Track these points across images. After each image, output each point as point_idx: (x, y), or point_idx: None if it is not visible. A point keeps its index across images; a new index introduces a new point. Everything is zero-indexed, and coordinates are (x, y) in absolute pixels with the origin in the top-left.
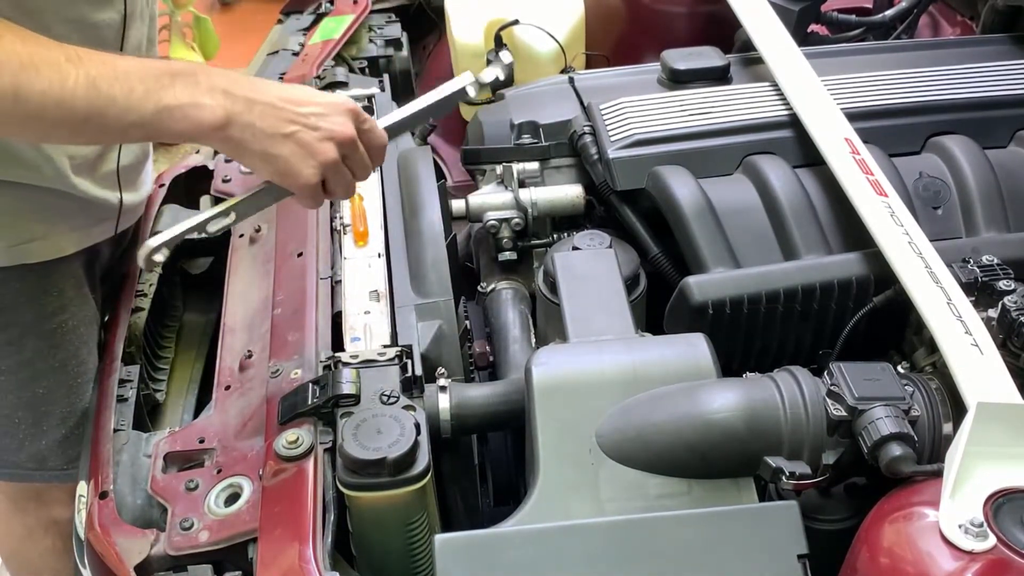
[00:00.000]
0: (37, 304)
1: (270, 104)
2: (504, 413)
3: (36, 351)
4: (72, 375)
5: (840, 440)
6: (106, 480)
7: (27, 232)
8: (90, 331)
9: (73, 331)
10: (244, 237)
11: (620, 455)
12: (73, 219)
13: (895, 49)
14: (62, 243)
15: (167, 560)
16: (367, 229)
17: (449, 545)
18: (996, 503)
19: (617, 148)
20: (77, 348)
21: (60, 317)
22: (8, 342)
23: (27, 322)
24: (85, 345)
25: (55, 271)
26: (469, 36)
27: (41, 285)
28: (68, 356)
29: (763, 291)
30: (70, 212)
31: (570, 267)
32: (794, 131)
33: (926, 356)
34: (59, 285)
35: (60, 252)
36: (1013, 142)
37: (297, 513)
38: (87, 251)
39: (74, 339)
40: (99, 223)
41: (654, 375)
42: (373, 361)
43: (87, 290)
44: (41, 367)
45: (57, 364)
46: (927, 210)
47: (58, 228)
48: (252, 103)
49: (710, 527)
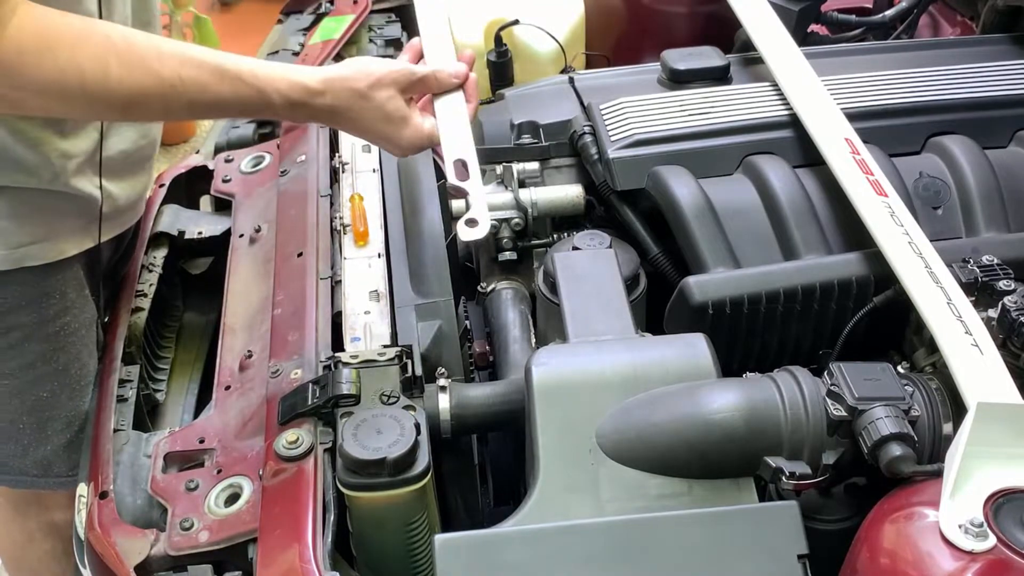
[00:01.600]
0: (39, 307)
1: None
2: (504, 413)
3: (38, 355)
4: (74, 378)
5: (840, 440)
6: (106, 480)
7: (27, 235)
8: (91, 334)
9: (75, 334)
10: (244, 237)
11: (620, 455)
12: (74, 220)
13: (895, 49)
14: (63, 245)
15: (167, 560)
16: (367, 229)
17: (449, 545)
18: (996, 503)
19: (617, 148)
20: (79, 351)
21: (62, 320)
22: (10, 346)
23: (29, 325)
24: (86, 348)
25: (56, 274)
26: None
27: (42, 288)
28: (70, 359)
29: (763, 291)
30: (70, 213)
31: (570, 267)
32: (794, 131)
33: (926, 356)
34: (61, 288)
35: (61, 254)
36: (1013, 142)
37: (297, 513)
38: (88, 253)
39: (76, 342)
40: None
41: (654, 375)
42: (373, 361)
43: (88, 292)
44: (44, 370)
45: (60, 367)
46: (927, 210)
47: (58, 230)
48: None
49: (710, 527)
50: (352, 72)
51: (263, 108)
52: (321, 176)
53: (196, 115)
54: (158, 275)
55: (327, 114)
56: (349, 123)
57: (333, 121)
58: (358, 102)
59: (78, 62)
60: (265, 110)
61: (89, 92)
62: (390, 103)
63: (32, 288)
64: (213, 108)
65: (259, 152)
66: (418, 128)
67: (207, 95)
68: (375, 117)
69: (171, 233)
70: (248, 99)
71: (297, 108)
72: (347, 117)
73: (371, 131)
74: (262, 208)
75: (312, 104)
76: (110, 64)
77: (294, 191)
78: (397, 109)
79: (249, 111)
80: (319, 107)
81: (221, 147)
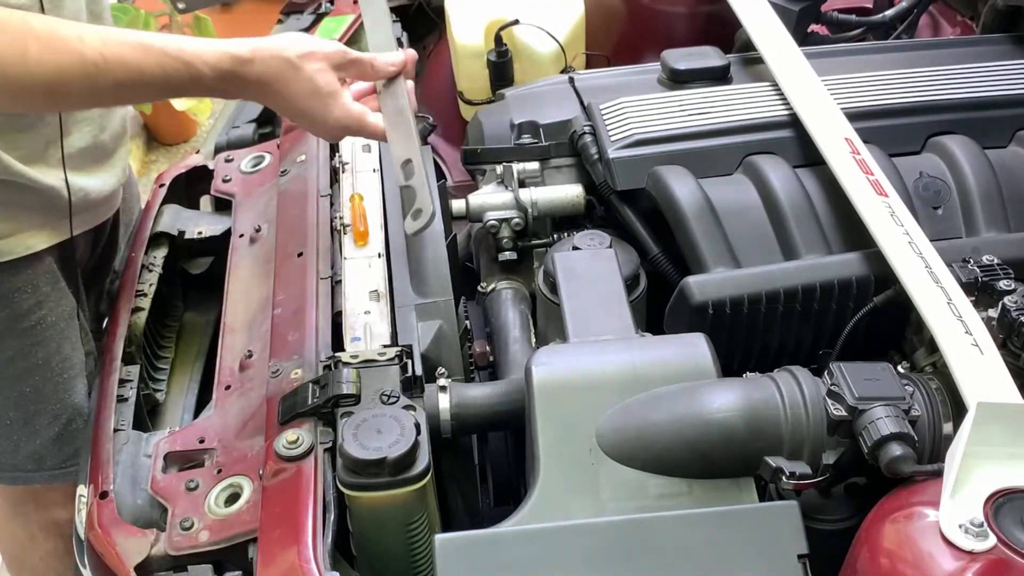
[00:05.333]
0: (10, 303)
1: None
2: (504, 413)
3: (16, 350)
4: (57, 371)
5: (840, 440)
6: (106, 480)
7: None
8: (71, 326)
9: (52, 327)
10: (244, 237)
11: (620, 455)
12: (40, 215)
13: (895, 49)
14: (30, 240)
15: (167, 560)
16: (367, 229)
17: (449, 545)
18: (996, 503)
19: (617, 148)
20: (59, 344)
21: (37, 314)
22: None
23: (3, 321)
24: (67, 340)
25: (26, 268)
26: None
27: (13, 283)
28: (50, 353)
29: (763, 291)
30: (36, 208)
31: (570, 267)
32: (794, 131)
33: (926, 356)
34: (32, 282)
35: (29, 249)
36: (1013, 142)
37: (297, 513)
38: (60, 246)
39: (55, 335)
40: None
41: (654, 375)
42: (373, 361)
43: (64, 285)
44: (24, 365)
45: (40, 361)
46: (927, 210)
47: (24, 225)
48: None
49: (710, 527)
50: (283, 43)
51: (192, 83)
52: (321, 176)
53: (125, 97)
54: (158, 275)
55: (256, 86)
56: (278, 96)
57: (262, 95)
58: (288, 71)
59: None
60: (194, 86)
61: (8, 76)
62: (320, 75)
63: (2, 283)
64: (140, 87)
65: (259, 152)
66: (346, 108)
67: (132, 72)
68: (304, 90)
69: (171, 233)
70: (175, 73)
71: (226, 79)
72: (275, 89)
73: (298, 106)
74: (262, 208)
75: (240, 73)
76: (29, 46)
77: (294, 191)
78: (327, 83)
79: (178, 87)
80: (248, 77)
81: (221, 147)
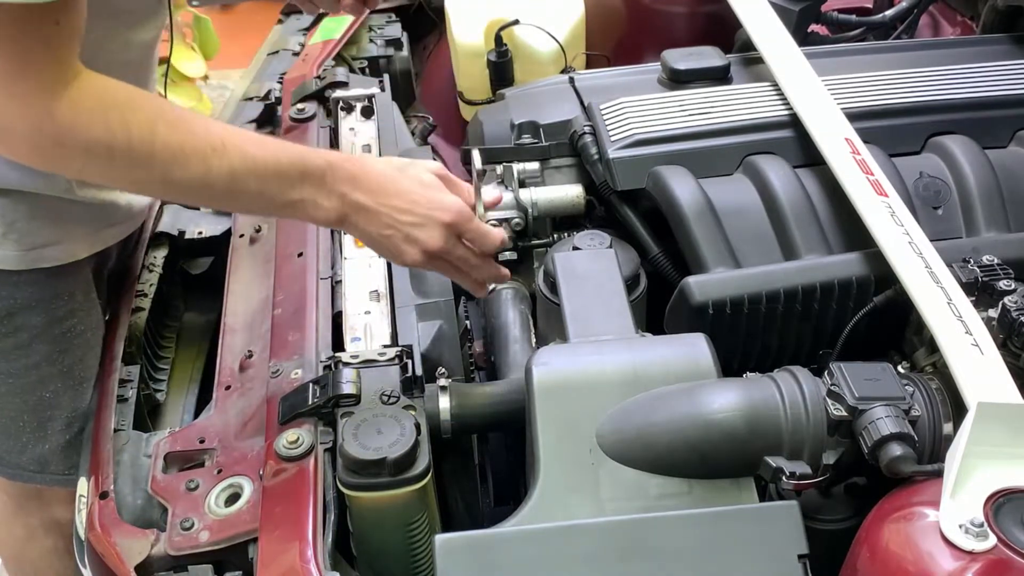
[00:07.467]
0: (48, 309)
1: (375, 211)
2: (504, 413)
3: (44, 355)
4: (77, 380)
5: (840, 440)
6: (106, 480)
7: (42, 237)
8: (96, 337)
9: (80, 336)
10: (244, 237)
11: (620, 455)
12: (86, 225)
13: (895, 49)
14: (75, 248)
15: (167, 560)
16: None
17: (449, 545)
18: (996, 503)
19: (617, 148)
20: (84, 353)
21: (69, 322)
22: (17, 346)
23: (38, 326)
24: (91, 350)
25: (67, 276)
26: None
27: (53, 289)
28: (74, 361)
29: (763, 291)
30: (83, 218)
31: (570, 267)
32: (794, 131)
33: (926, 356)
34: (70, 290)
35: (73, 256)
36: (1013, 142)
37: (297, 513)
38: (97, 256)
39: (81, 344)
40: (110, 227)
41: (654, 375)
42: (373, 361)
43: (95, 295)
44: (48, 371)
45: (64, 369)
46: (927, 210)
47: (72, 233)
48: (360, 208)
49: (710, 527)
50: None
51: (302, 174)
52: None
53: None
54: (158, 275)
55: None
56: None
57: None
58: (394, 171)
59: (128, 123)
60: (302, 179)
61: (134, 153)
62: (425, 174)
63: (43, 289)
64: (251, 176)
65: None
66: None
67: (247, 160)
68: (412, 184)
69: (171, 233)
70: (288, 164)
71: (335, 167)
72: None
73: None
74: None
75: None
76: (158, 127)
77: None
78: (432, 180)
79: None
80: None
81: None
